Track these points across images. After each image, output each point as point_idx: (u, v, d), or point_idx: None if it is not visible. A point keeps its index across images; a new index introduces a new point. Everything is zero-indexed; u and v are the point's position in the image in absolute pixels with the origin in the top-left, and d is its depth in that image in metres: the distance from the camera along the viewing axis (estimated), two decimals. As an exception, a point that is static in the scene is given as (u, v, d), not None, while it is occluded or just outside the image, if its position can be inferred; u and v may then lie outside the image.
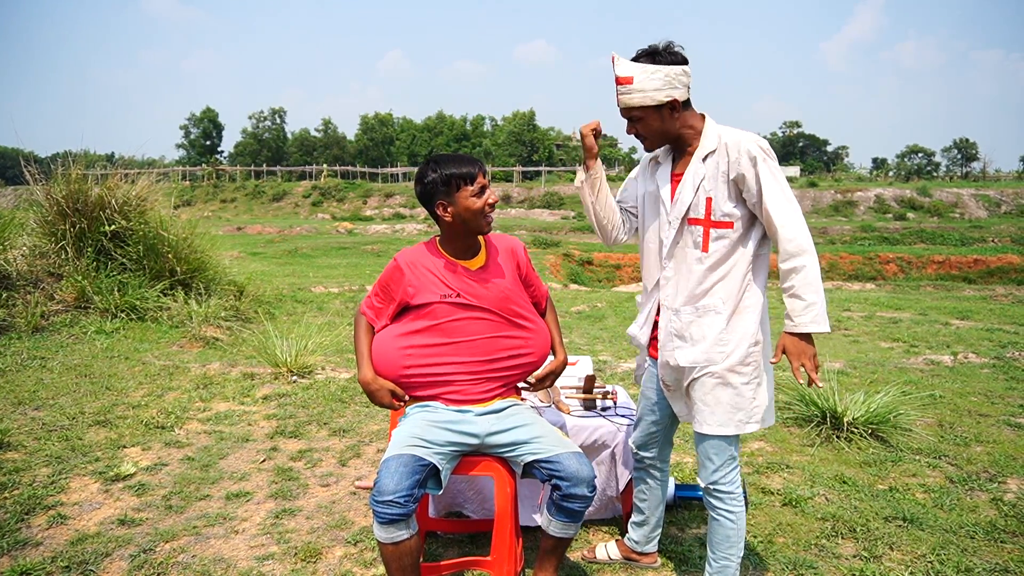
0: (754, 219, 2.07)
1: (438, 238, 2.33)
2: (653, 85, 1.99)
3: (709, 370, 2.07)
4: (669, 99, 2.00)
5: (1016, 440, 3.91)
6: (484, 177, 2.20)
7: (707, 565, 2.23)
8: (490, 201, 2.20)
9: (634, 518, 2.55)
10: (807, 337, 1.95)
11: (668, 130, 2.07)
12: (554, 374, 2.43)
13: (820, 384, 1.96)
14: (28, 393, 4.38)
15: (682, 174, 2.11)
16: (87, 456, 3.46)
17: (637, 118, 2.07)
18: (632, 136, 2.12)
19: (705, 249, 2.06)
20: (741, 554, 2.19)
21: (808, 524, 2.88)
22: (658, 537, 2.55)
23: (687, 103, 2.07)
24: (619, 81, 2.03)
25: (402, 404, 2.30)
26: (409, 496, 1.96)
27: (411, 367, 2.23)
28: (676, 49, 2.03)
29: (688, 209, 2.08)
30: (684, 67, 2.01)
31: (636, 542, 2.54)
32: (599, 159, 2.28)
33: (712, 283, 2.08)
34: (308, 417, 4.16)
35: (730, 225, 2.04)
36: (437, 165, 2.18)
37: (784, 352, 1.97)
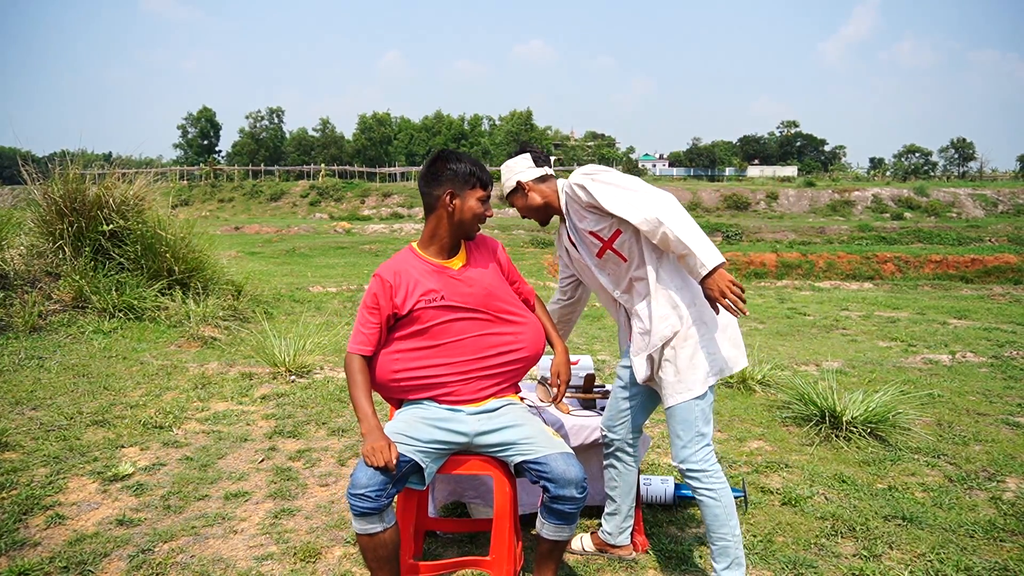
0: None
1: (415, 243, 2.34)
2: (504, 178, 2.50)
3: (650, 353, 2.27)
4: (516, 183, 2.46)
5: (1015, 439, 3.91)
6: (490, 191, 2.31)
7: (709, 551, 2.29)
8: (487, 213, 2.30)
9: (607, 508, 2.60)
10: (711, 275, 2.08)
11: (530, 204, 2.46)
12: (562, 371, 2.43)
13: (746, 311, 2.11)
14: (26, 393, 4.37)
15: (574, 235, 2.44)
16: (85, 456, 3.45)
17: (511, 205, 2.53)
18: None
19: (625, 259, 2.32)
20: (737, 532, 2.23)
21: (807, 523, 2.88)
22: (630, 528, 2.58)
23: (542, 179, 2.46)
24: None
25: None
26: (381, 491, 1.99)
27: (400, 371, 2.24)
28: (526, 146, 2.51)
29: (594, 248, 2.38)
30: (523, 155, 2.47)
31: (609, 534, 2.58)
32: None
33: (636, 281, 2.33)
34: (306, 417, 4.15)
35: (618, 233, 2.29)
36: (462, 160, 2.28)
37: (710, 300, 2.13)
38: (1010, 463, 3.54)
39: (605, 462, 2.57)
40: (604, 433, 2.53)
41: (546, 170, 2.48)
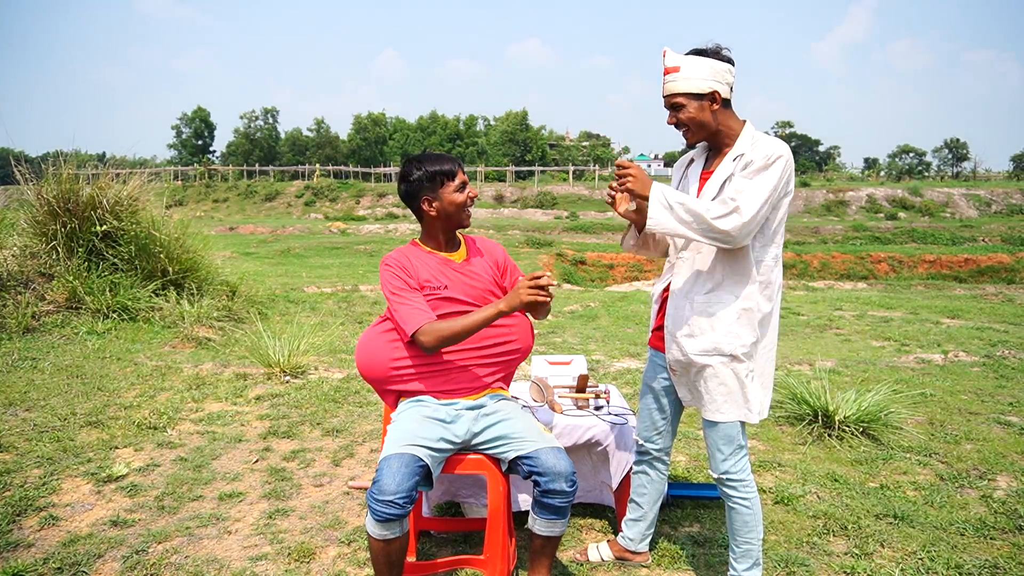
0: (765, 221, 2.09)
1: (418, 238, 2.42)
2: (698, 74, 2.07)
3: (716, 359, 2.13)
4: (711, 90, 2.08)
5: (1005, 438, 3.94)
6: (463, 173, 2.33)
7: (730, 552, 2.27)
8: (471, 195, 2.33)
9: (630, 515, 2.55)
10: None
11: (707, 121, 2.12)
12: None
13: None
14: (19, 394, 4.36)
15: (712, 172, 2.17)
16: (79, 457, 3.44)
17: (679, 105, 2.11)
18: (673, 127, 2.16)
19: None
20: (761, 535, 2.24)
21: (800, 522, 2.90)
22: (651, 535, 2.57)
23: (727, 103, 2.14)
24: (667, 71, 2.12)
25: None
26: (408, 498, 1.98)
27: (399, 359, 2.28)
28: (723, 51, 2.12)
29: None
30: (729, 66, 2.11)
31: (631, 540, 2.54)
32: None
33: (722, 275, 2.13)
34: (301, 417, 4.15)
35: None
36: (421, 163, 2.31)
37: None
38: (1001, 462, 3.56)
39: (637, 468, 2.53)
40: (641, 444, 2.48)
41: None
